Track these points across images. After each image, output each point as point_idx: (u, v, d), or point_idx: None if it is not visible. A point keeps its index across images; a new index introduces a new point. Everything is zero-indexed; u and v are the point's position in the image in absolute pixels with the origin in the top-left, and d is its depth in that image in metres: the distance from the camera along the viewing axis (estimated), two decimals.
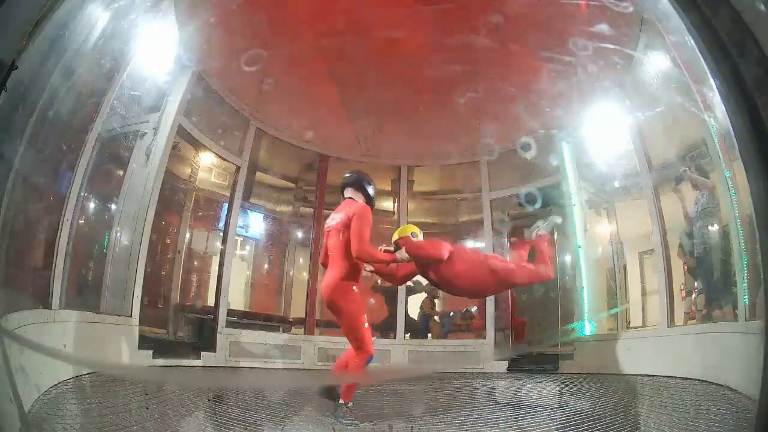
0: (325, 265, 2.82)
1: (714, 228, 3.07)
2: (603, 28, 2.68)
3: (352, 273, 2.72)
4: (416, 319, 5.07)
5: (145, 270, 3.32)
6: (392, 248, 2.89)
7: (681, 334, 3.22)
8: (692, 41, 1.31)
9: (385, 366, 4.45)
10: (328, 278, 2.71)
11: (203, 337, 4.08)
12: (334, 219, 2.80)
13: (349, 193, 2.90)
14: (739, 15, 1.13)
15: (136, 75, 3.09)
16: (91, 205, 3.14)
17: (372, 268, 3.06)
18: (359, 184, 2.93)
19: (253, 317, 4.58)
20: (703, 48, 1.25)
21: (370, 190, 2.93)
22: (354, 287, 2.73)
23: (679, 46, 2.14)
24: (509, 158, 4.43)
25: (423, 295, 5.16)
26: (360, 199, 2.88)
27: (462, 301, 5.09)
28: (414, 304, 5.10)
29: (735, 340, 2.49)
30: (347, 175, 2.98)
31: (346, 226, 2.69)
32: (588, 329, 4.16)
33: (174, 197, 4.11)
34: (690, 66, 2.17)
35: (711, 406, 2.34)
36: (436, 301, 5.20)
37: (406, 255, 2.80)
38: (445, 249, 2.88)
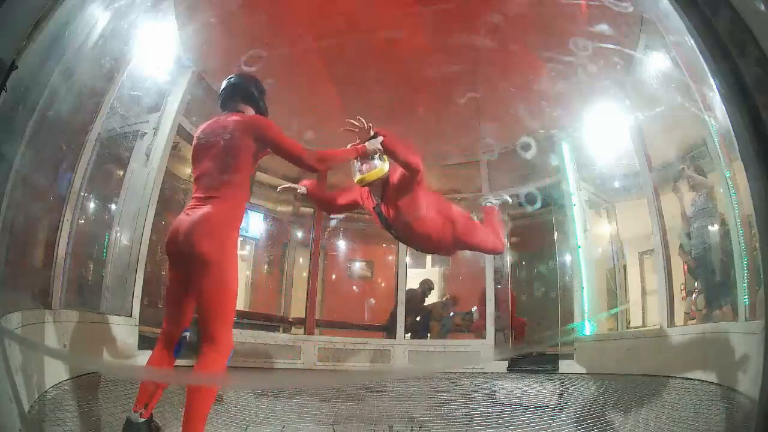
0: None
1: (713, 228, 3.07)
2: (603, 28, 2.69)
3: (236, 212, 1.91)
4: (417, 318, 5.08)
5: (145, 270, 3.32)
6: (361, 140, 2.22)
7: (681, 334, 3.22)
8: (692, 41, 1.31)
9: (385, 366, 4.45)
10: (198, 215, 1.82)
11: None
12: (216, 133, 1.95)
13: (233, 105, 2.07)
14: (739, 15, 1.13)
15: (136, 75, 3.10)
16: (91, 205, 3.14)
17: (304, 191, 2.46)
18: (248, 93, 2.09)
19: (252, 317, 4.58)
20: (703, 48, 1.25)
21: (262, 103, 2.13)
22: (234, 236, 1.90)
23: (679, 46, 2.14)
24: (509, 158, 4.44)
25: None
26: (249, 113, 2.08)
27: (463, 302, 5.11)
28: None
29: (735, 340, 2.49)
30: (230, 80, 2.10)
31: (231, 144, 1.89)
32: (588, 329, 4.16)
33: (174, 197, 4.11)
34: (690, 66, 2.17)
35: (711, 406, 2.34)
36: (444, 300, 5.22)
37: (379, 147, 2.19)
38: (421, 163, 2.32)
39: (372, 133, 2.23)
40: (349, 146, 2.23)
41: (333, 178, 4.30)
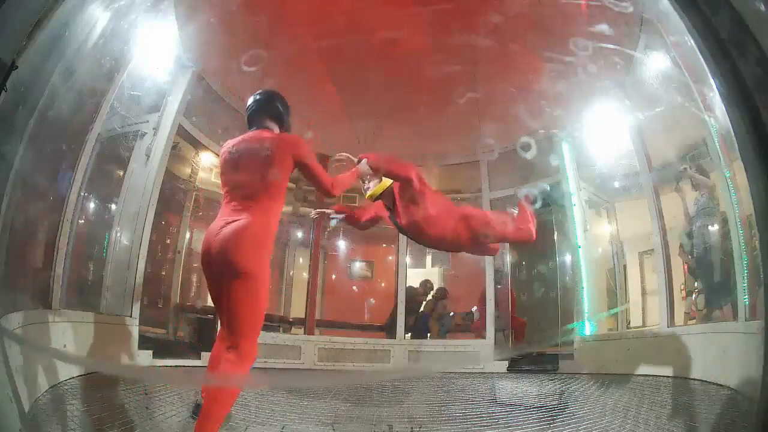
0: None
1: (714, 228, 3.07)
2: (603, 28, 2.68)
3: (271, 224, 1.98)
4: (416, 318, 5.07)
5: (145, 270, 3.32)
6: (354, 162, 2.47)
7: (681, 334, 3.22)
8: (692, 41, 1.31)
9: (385, 366, 4.45)
10: (234, 227, 1.86)
11: (203, 337, 4.08)
12: (252, 148, 2.03)
13: (260, 122, 2.15)
14: (739, 15, 1.13)
15: (136, 75, 3.10)
16: (91, 205, 3.14)
17: (333, 212, 2.75)
18: (275, 111, 2.17)
19: None
20: (703, 48, 1.25)
21: (287, 118, 2.21)
22: (270, 248, 2.00)
23: (679, 46, 2.14)
24: (509, 158, 4.44)
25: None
26: (276, 130, 2.16)
27: (463, 302, 5.10)
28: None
29: (735, 340, 2.49)
30: (257, 97, 2.20)
31: (271, 160, 1.98)
32: (588, 329, 4.16)
33: (174, 197, 4.11)
34: (690, 66, 2.17)
35: (711, 406, 2.33)
36: (441, 302, 5.21)
37: (368, 168, 2.40)
38: (413, 171, 2.50)
39: (356, 160, 2.47)
40: (348, 172, 2.44)
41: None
